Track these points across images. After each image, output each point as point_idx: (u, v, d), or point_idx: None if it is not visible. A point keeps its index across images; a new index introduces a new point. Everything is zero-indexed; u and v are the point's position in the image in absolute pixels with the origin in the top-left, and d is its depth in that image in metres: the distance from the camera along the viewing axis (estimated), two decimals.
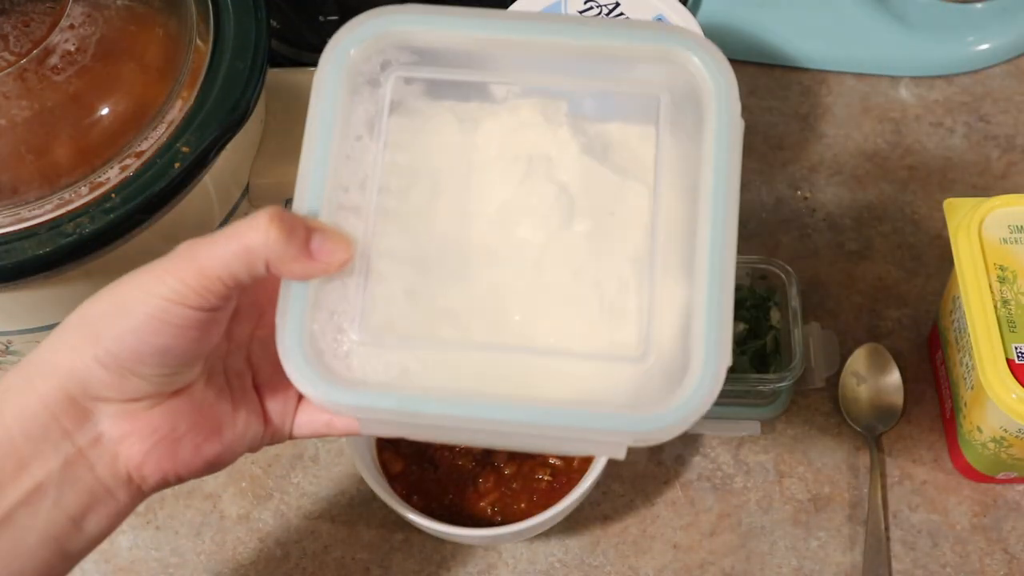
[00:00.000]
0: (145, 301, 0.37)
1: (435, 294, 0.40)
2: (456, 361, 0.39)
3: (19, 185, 0.50)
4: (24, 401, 0.38)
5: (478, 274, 0.41)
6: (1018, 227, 0.60)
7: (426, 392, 0.38)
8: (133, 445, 0.39)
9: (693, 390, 0.37)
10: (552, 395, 0.38)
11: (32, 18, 0.52)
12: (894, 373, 0.68)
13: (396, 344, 0.39)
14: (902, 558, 0.62)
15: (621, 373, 0.39)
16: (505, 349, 0.40)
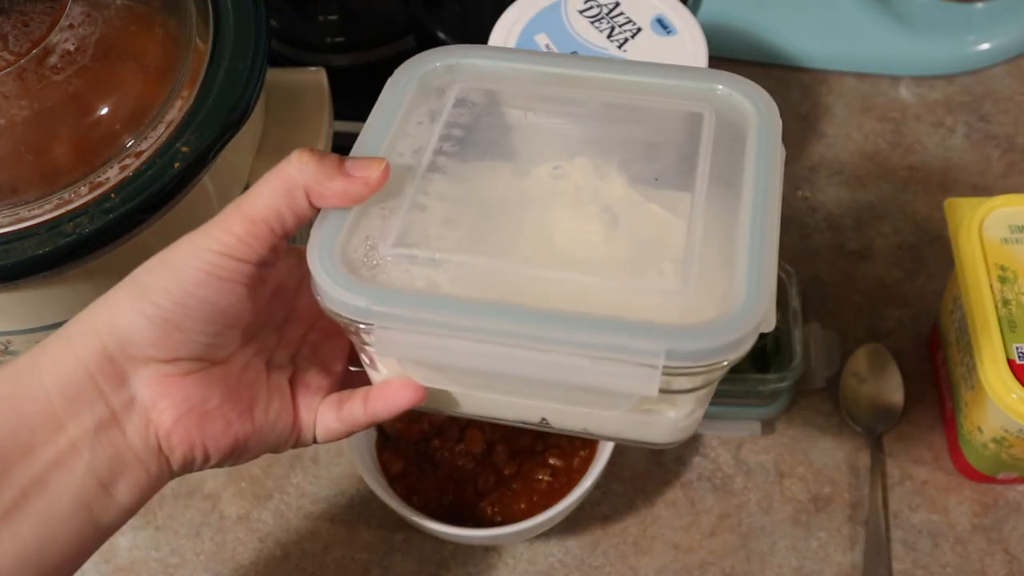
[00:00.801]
0: (193, 254, 0.38)
1: (473, 224, 0.40)
2: (487, 281, 0.38)
3: (19, 185, 0.50)
4: (62, 360, 0.38)
5: (518, 227, 0.40)
6: (1019, 227, 0.60)
7: (450, 296, 0.37)
8: (164, 411, 0.39)
9: (735, 313, 0.36)
10: (581, 310, 0.37)
11: (31, 18, 0.52)
12: (895, 373, 0.68)
13: (426, 257, 0.38)
14: (902, 558, 0.62)
15: (658, 302, 0.37)
16: (539, 267, 0.38)
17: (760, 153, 0.42)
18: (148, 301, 0.38)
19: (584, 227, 0.40)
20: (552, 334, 0.36)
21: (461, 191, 0.41)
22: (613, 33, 0.66)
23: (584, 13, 0.67)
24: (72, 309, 0.54)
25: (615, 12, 0.67)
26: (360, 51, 0.74)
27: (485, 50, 0.46)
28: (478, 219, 0.40)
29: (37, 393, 0.38)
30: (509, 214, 0.41)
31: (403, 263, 0.38)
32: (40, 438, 0.38)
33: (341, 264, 0.38)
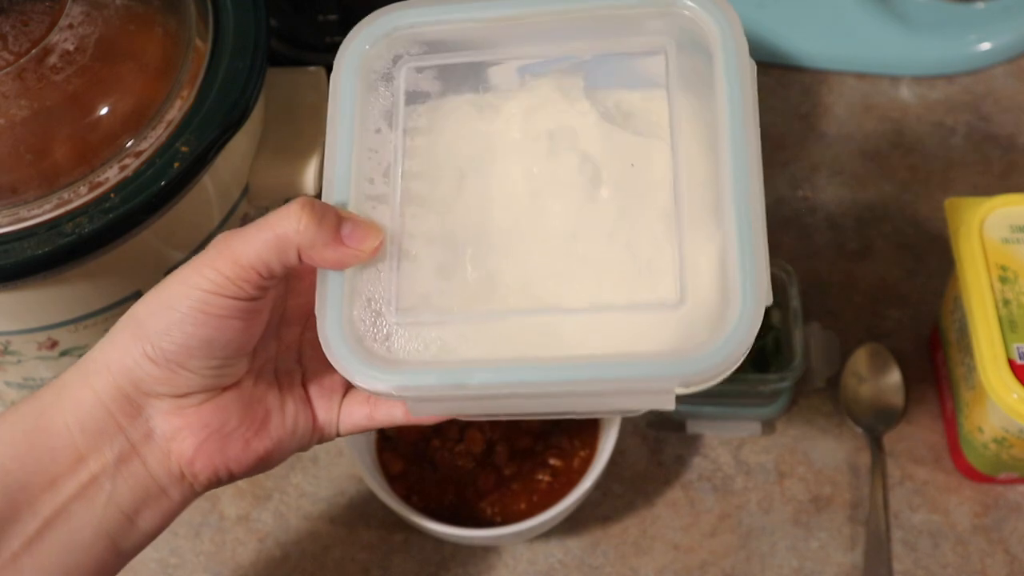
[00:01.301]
0: (187, 294, 0.38)
1: (467, 269, 0.41)
2: (494, 331, 0.39)
3: (18, 185, 0.50)
4: (81, 396, 0.39)
5: (509, 248, 0.41)
6: (1019, 227, 0.60)
7: (469, 363, 0.38)
8: (184, 440, 0.40)
9: (733, 328, 0.37)
10: (593, 353, 0.38)
11: (31, 17, 0.52)
12: (895, 373, 0.68)
13: (433, 320, 0.39)
14: (903, 558, 0.62)
15: (660, 323, 0.38)
16: (542, 312, 0.39)
17: (731, 83, 0.40)
18: (150, 344, 0.39)
19: (573, 197, 0.41)
20: (569, 383, 0.38)
21: (442, 221, 0.41)
22: None
23: None
24: (72, 309, 0.54)
25: None
26: None
27: (419, 6, 0.43)
28: (468, 258, 0.41)
29: (59, 429, 0.39)
30: (492, 240, 0.41)
31: (412, 328, 0.39)
32: (63, 471, 0.39)
33: (353, 341, 0.39)
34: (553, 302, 0.40)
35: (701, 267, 0.39)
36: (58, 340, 0.55)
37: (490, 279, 0.41)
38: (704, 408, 0.66)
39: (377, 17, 0.43)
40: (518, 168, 0.42)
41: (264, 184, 0.58)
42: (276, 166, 0.58)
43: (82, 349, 0.56)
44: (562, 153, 0.42)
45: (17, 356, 0.56)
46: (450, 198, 0.42)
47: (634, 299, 0.39)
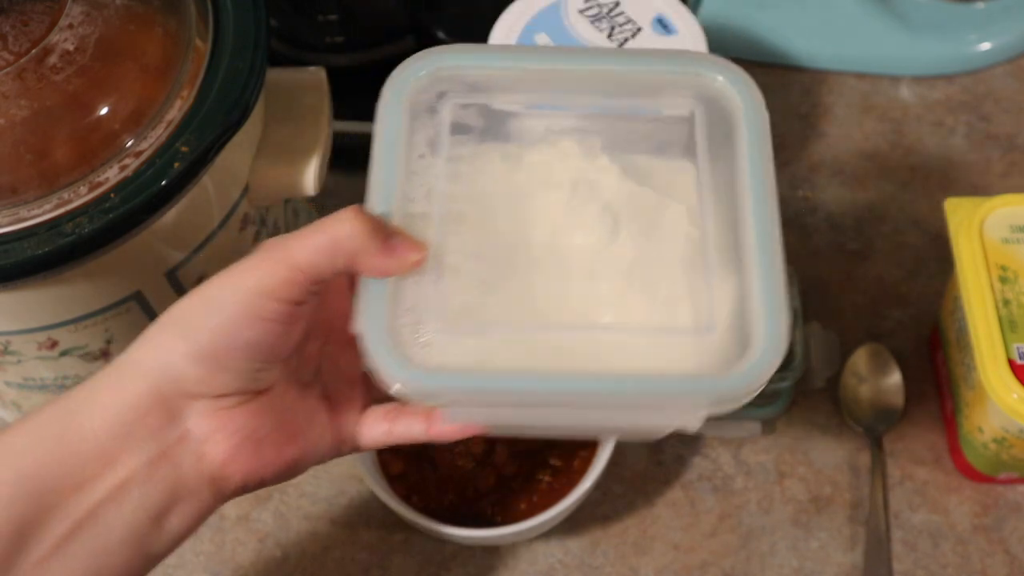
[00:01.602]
0: (235, 296, 0.39)
1: (504, 285, 0.43)
2: (531, 344, 0.41)
3: (18, 185, 0.50)
4: (113, 398, 0.39)
5: (543, 270, 0.43)
6: (1019, 227, 0.60)
7: (510, 371, 0.40)
8: (219, 443, 0.40)
9: (761, 355, 0.39)
10: (631, 369, 0.40)
11: (31, 17, 0.52)
12: (895, 373, 0.68)
13: (473, 330, 0.41)
14: (903, 559, 0.62)
15: (682, 351, 0.41)
16: (576, 329, 0.42)
17: (752, 142, 0.44)
18: (194, 343, 0.39)
19: (593, 238, 0.43)
20: (610, 398, 0.40)
21: (481, 241, 0.43)
22: (613, 33, 0.66)
23: (584, 13, 0.67)
24: (72, 309, 0.54)
25: (615, 12, 0.67)
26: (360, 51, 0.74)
27: (465, 51, 0.46)
28: (504, 277, 0.43)
29: (88, 433, 0.39)
30: (529, 247, 0.44)
31: (452, 336, 0.41)
32: (92, 474, 0.39)
33: (394, 347, 0.39)
34: (585, 322, 0.42)
35: (717, 305, 0.41)
36: (58, 340, 0.55)
37: (527, 295, 0.42)
38: None
39: (425, 55, 0.46)
40: (542, 214, 0.44)
41: (264, 184, 0.58)
42: (276, 166, 0.58)
43: (82, 349, 0.56)
44: (584, 201, 0.44)
45: (17, 356, 0.56)
46: (488, 221, 0.44)
47: (660, 325, 0.42)
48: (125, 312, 0.55)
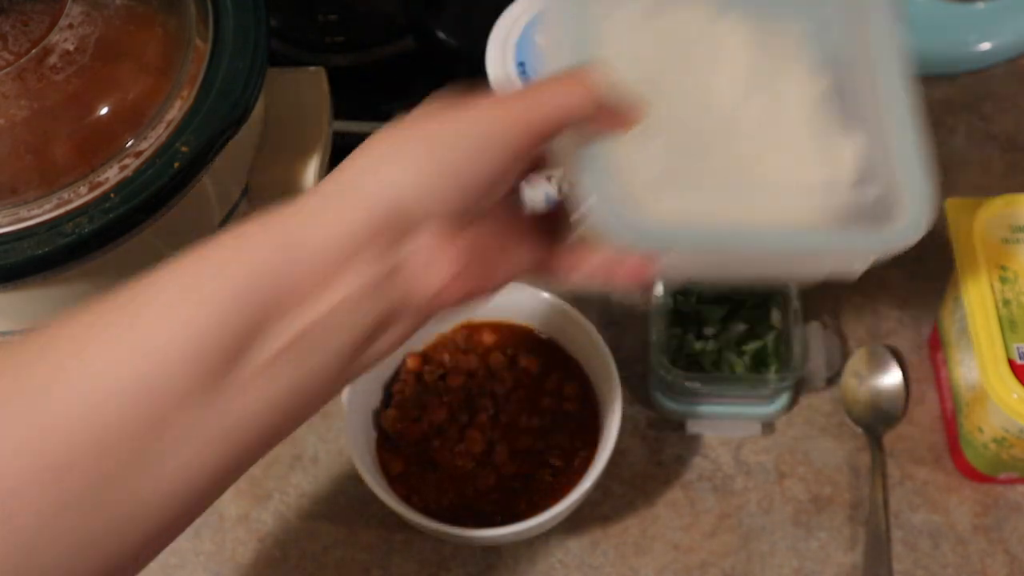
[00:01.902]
0: (480, 127, 0.40)
1: (693, 150, 0.45)
2: (720, 202, 0.45)
3: (18, 185, 0.50)
4: (337, 221, 0.39)
5: (709, 137, 0.46)
6: (1019, 227, 0.60)
7: (713, 227, 0.44)
8: (437, 269, 0.41)
9: (917, 209, 0.45)
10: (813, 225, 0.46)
11: (31, 17, 0.52)
12: (895, 373, 0.68)
13: (674, 190, 0.44)
14: (903, 559, 0.62)
15: (830, 201, 0.46)
16: (755, 188, 0.46)
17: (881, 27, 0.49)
18: (436, 164, 0.39)
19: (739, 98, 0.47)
20: (800, 248, 0.46)
21: (668, 105, 0.45)
22: None
23: None
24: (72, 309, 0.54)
25: None
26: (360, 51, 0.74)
27: None
28: (686, 129, 0.46)
29: (311, 252, 0.38)
30: (700, 109, 0.46)
31: (659, 197, 0.44)
32: (312, 293, 0.38)
33: (615, 203, 0.42)
34: (758, 180, 0.46)
35: (852, 159, 0.47)
36: None
37: (708, 154, 0.46)
38: (704, 408, 0.66)
39: None
40: (694, 70, 0.47)
41: (264, 184, 0.58)
42: (276, 166, 0.58)
43: None
44: (723, 61, 0.47)
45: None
46: (669, 85, 0.46)
47: (821, 182, 0.46)
48: None
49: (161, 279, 0.37)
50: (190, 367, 0.36)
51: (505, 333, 0.66)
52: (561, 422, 0.63)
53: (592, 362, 0.64)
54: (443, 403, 0.63)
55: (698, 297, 0.69)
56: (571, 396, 0.64)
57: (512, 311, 0.66)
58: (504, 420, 0.63)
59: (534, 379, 0.64)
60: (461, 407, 0.63)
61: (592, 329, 0.63)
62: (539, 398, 0.64)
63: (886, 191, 0.46)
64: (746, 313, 0.68)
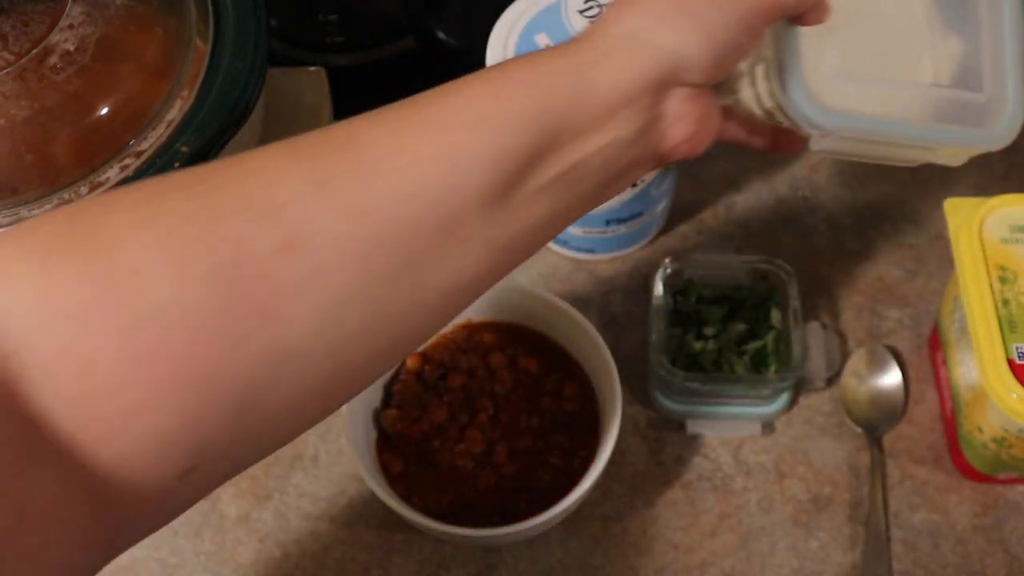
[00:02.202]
0: (737, 8, 0.45)
1: (855, 42, 0.51)
2: (879, 94, 0.51)
3: (19, 185, 0.50)
4: (626, 64, 0.43)
5: (869, 36, 0.52)
6: (1019, 227, 0.60)
7: (879, 116, 0.51)
8: (681, 126, 0.45)
9: (1012, 113, 0.52)
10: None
11: (31, 18, 0.52)
12: (895, 373, 0.68)
13: (853, 80, 0.51)
14: (903, 558, 0.62)
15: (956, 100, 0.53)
16: (909, 86, 0.53)
17: None
18: (709, 37, 0.44)
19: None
20: (931, 141, 0.54)
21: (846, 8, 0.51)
22: None
23: (584, 13, 0.67)
24: None
25: None
26: (360, 51, 0.74)
27: None
28: (851, 27, 0.51)
29: (602, 88, 0.42)
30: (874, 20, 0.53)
31: (838, 83, 0.50)
32: (591, 128, 0.42)
33: (805, 86, 0.49)
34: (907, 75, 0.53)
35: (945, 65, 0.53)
36: None
37: (870, 50, 0.52)
38: (704, 408, 0.66)
39: None
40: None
41: None
42: None
43: None
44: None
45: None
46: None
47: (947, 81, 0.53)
48: None
49: (469, 90, 0.41)
50: (485, 179, 0.39)
51: (505, 333, 0.66)
52: (561, 422, 0.63)
53: (592, 362, 0.64)
54: (443, 403, 0.64)
55: (698, 297, 0.69)
56: (571, 396, 0.64)
57: (512, 311, 0.66)
58: (504, 420, 0.63)
59: (534, 379, 0.64)
60: (461, 407, 0.63)
61: (592, 329, 0.63)
62: (539, 398, 0.64)
63: (988, 98, 0.53)
64: (746, 313, 0.68)
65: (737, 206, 0.77)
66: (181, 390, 0.33)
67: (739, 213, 0.77)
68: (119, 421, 0.33)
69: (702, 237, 0.76)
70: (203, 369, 0.34)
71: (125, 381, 0.32)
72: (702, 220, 0.76)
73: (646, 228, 0.73)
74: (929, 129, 0.53)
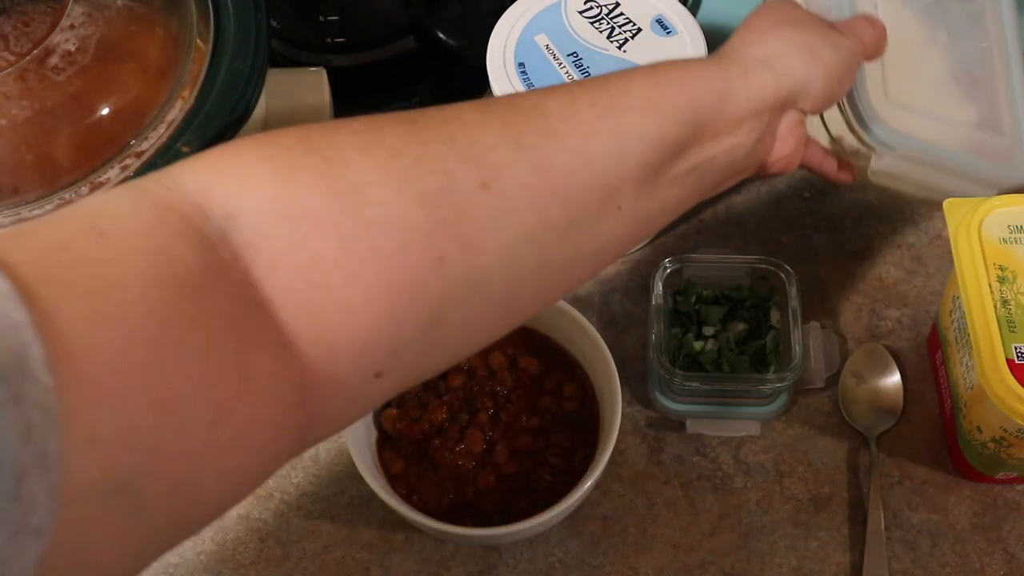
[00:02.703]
0: (847, 50, 0.54)
1: (907, 81, 0.61)
2: (928, 124, 0.61)
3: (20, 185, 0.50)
4: (759, 86, 0.50)
5: (907, 69, 0.62)
6: (1018, 227, 0.60)
7: (929, 140, 0.61)
8: (786, 145, 0.53)
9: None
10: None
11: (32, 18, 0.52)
12: (894, 373, 0.68)
13: (901, 109, 0.60)
14: (902, 558, 0.62)
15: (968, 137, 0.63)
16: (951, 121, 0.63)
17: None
18: (828, 72, 0.52)
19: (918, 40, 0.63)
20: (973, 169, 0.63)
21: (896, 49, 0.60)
22: (613, 34, 0.66)
23: (584, 14, 0.67)
24: None
25: (615, 13, 0.67)
26: (360, 51, 0.74)
27: None
28: (909, 73, 0.62)
29: (735, 102, 0.49)
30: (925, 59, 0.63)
31: (895, 110, 0.60)
32: (724, 131, 0.49)
33: (873, 110, 0.59)
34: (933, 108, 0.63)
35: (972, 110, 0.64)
36: None
37: (911, 81, 0.61)
38: (704, 408, 0.67)
39: None
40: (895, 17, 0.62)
41: None
42: None
43: None
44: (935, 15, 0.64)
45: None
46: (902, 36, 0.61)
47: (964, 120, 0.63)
48: None
49: (634, 80, 0.47)
50: (643, 158, 0.45)
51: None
52: (561, 422, 0.63)
53: (592, 362, 0.64)
54: (443, 403, 0.64)
55: (698, 297, 0.69)
56: (571, 396, 0.64)
57: None
58: (504, 420, 0.63)
59: (534, 379, 0.65)
60: (461, 407, 0.63)
61: (592, 329, 0.63)
62: (539, 398, 0.64)
63: (1008, 142, 0.63)
64: (746, 313, 0.68)
65: (737, 206, 0.77)
66: (390, 295, 0.37)
67: (739, 213, 0.77)
68: (333, 316, 0.36)
69: (702, 237, 0.76)
70: (410, 278, 0.37)
71: (343, 280, 0.36)
72: (702, 220, 0.76)
73: None
74: (974, 159, 0.62)
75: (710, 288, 0.69)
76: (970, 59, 0.64)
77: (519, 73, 0.65)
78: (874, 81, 0.59)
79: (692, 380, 0.64)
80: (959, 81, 0.63)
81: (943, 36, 0.64)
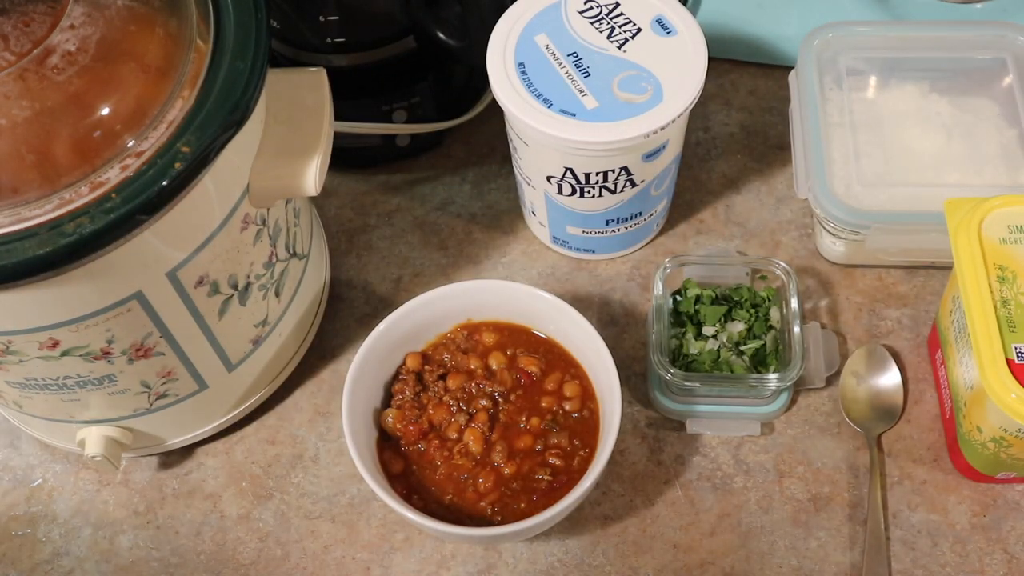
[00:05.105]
0: None
1: (890, 165, 0.69)
2: (911, 197, 0.68)
3: (19, 185, 0.50)
4: None
5: (908, 161, 0.70)
6: (1018, 227, 0.60)
7: (905, 210, 0.67)
8: None
9: None
10: None
11: (32, 18, 0.52)
12: (894, 373, 0.68)
13: (876, 190, 0.68)
14: (902, 558, 0.62)
15: None
16: (930, 185, 0.69)
17: None
18: None
19: (938, 141, 0.71)
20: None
21: (874, 138, 0.71)
22: (613, 34, 0.66)
23: (584, 14, 0.67)
24: (73, 309, 0.54)
25: (615, 13, 0.67)
26: (360, 51, 0.74)
27: (852, 23, 0.75)
28: (890, 154, 0.70)
29: None
30: (901, 144, 0.71)
31: (867, 191, 0.68)
32: None
33: (835, 196, 0.67)
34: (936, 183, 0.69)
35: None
36: (59, 340, 0.55)
37: (905, 171, 0.69)
38: (704, 408, 0.67)
39: (826, 27, 0.74)
40: (904, 122, 0.72)
41: (264, 184, 0.58)
42: (276, 166, 0.58)
43: (83, 349, 0.56)
44: (926, 118, 0.72)
45: (18, 356, 0.56)
46: (875, 128, 0.71)
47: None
48: (126, 312, 0.55)
49: None
50: None
51: (505, 333, 0.66)
52: (561, 422, 0.63)
53: (592, 362, 0.64)
54: (443, 403, 0.64)
55: (698, 297, 0.69)
56: (571, 396, 0.64)
57: (512, 311, 0.66)
58: (504, 420, 0.63)
59: (534, 379, 0.65)
60: (461, 407, 0.64)
61: (592, 329, 0.63)
62: (539, 398, 0.64)
63: None
64: (745, 313, 0.68)
65: (737, 206, 0.77)
66: None
67: (739, 213, 0.77)
68: None
69: (702, 237, 0.76)
70: None
71: None
72: (702, 220, 0.76)
73: (646, 228, 0.73)
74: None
75: (710, 288, 0.69)
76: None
77: (519, 73, 0.65)
78: (845, 171, 0.69)
79: (692, 380, 0.64)
80: (948, 148, 0.71)
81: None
